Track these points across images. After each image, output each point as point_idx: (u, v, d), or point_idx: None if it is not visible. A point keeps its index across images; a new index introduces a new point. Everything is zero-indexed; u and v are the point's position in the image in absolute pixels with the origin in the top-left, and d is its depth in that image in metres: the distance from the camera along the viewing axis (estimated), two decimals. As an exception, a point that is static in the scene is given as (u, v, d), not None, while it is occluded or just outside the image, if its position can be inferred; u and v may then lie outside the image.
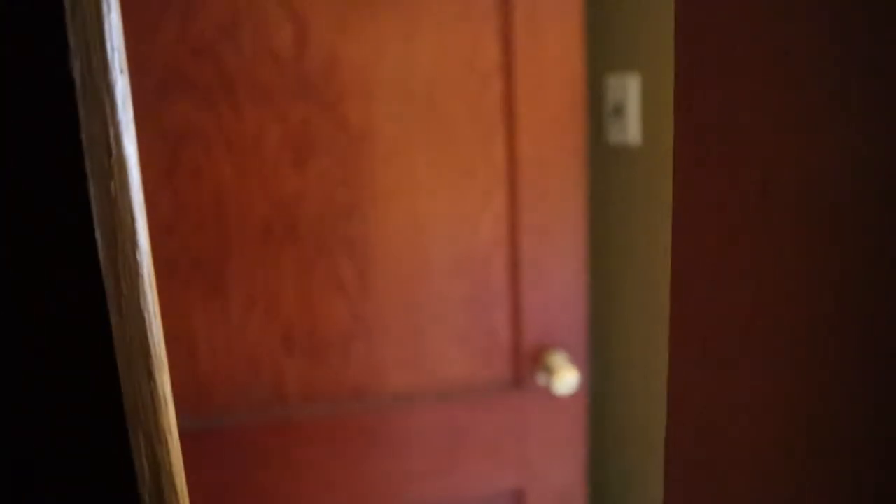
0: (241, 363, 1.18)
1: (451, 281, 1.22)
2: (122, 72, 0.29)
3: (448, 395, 1.25)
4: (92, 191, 0.27)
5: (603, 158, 1.47)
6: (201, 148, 1.10)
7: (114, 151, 0.28)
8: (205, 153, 1.11)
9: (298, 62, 1.11)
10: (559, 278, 1.24)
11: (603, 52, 1.43)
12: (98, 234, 0.27)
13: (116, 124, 0.29)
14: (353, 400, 1.22)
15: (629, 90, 1.35)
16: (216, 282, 1.14)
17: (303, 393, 1.21)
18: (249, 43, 1.09)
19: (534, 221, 1.21)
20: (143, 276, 0.29)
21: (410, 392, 1.24)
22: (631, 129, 1.36)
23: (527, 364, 1.26)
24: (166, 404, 0.31)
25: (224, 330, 1.16)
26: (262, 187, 1.13)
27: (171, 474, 0.31)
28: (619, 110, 1.38)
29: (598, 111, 1.44)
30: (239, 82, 1.10)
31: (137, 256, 0.29)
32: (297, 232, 1.15)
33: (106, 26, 0.28)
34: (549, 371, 1.24)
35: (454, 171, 1.19)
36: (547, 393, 1.27)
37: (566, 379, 1.21)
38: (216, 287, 1.15)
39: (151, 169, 1.10)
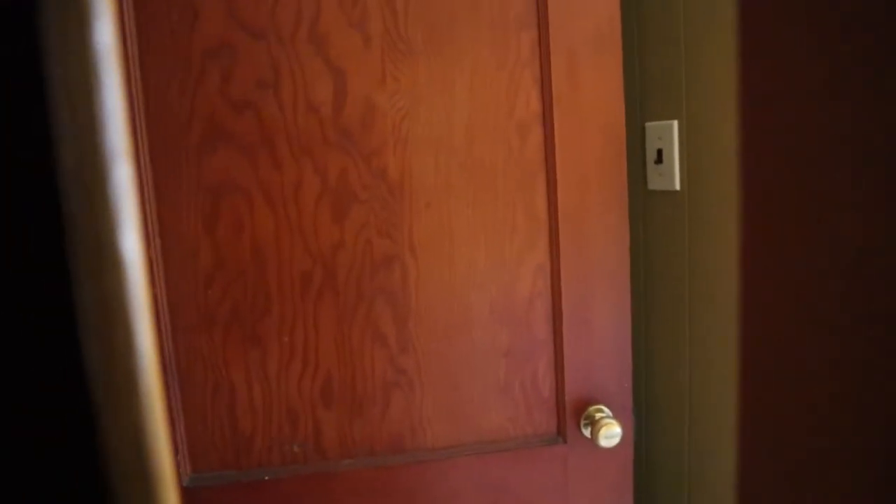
0: (280, 415, 1.16)
1: (492, 332, 1.20)
2: (121, 156, 0.26)
3: (489, 448, 1.22)
4: (79, 294, 0.24)
5: (644, 204, 1.45)
6: (242, 200, 1.11)
7: (107, 249, 0.26)
8: (245, 205, 1.11)
9: (337, 114, 1.11)
10: (602, 328, 1.22)
11: (642, 99, 1.42)
12: (87, 341, 0.24)
13: (110, 217, 0.26)
14: (391, 453, 1.20)
15: (669, 136, 1.33)
16: (255, 333, 1.14)
17: (341, 446, 1.19)
18: (289, 96, 1.10)
19: (575, 271, 1.19)
20: (139, 384, 0.26)
21: (450, 445, 1.22)
22: (672, 175, 1.34)
23: (569, 417, 1.22)
24: (165, 479, 0.28)
25: (263, 382, 1.15)
26: (302, 238, 1.12)
27: None
28: (659, 157, 1.36)
29: (638, 158, 1.43)
30: (278, 135, 1.10)
31: (134, 362, 0.26)
32: (335, 283, 1.14)
33: (99, 106, 0.25)
34: (592, 424, 1.20)
35: (494, 220, 1.17)
36: (590, 446, 1.24)
37: (610, 432, 1.18)
38: (255, 338, 1.14)
39: (192, 221, 1.10)
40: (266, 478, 1.16)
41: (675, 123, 1.32)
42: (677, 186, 1.34)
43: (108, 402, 0.25)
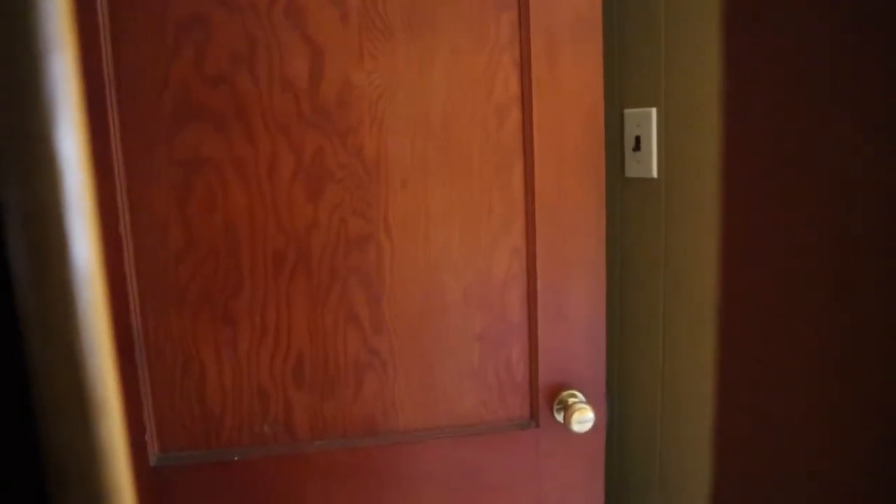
0: (251, 395, 1.15)
1: (466, 315, 1.19)
2: (58, 47, 0.23)
3: (461, 431, 1.21)
4: (6, 197, 0.22)
5: (621, 192, 1.45)
6: (214, 176, 1.09)
7: (39, 148, 0.23)
8: (218, 182, 1.09)
9: (313, 91, 1.10)
10: (577, 313, 1.21)
11: (621, 86, 1.42)
12: (15, 249, 0.22)
13: (44, 113, 0.24)
14: (363, 435, 1.19)
15: (648, 124, 1.33)
16: (226, 312, 1.12)
17: (312, 427, 1.18)
18: (264, 72, 1.08)
19: (551, 255, 1.19)
20: (77, 299, 0.23)
21: (423, 428, 1.21)
22: (650, 163, 1.34)
23: (543, 401, 1.22)
24: (113, 457, 0.25)
25: (233, 361, 1.14)
26: (275, 216, 1.11)
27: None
28: (637, 144, 1.36)
29: (616, 145, 1.43)
30: (253, 111, 1.09)
31: (70, 274, 0.23)
32: (309, 262, 1.13)
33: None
34: (565, 409, 1.20)
35: (470, 202, 1.17)
36: (563, 431, 1.23)
37: (583, 417, 1.17)
38: (226, 318, 1.13)
39: (163, 197, 1.08)
40: (236, 458, 1.15)
41: (654, 111, 1.32)
42: (655, 174, 1.34)
43: (39, 317, 0.23)
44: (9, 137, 0.22)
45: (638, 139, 1.36)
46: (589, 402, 1.22)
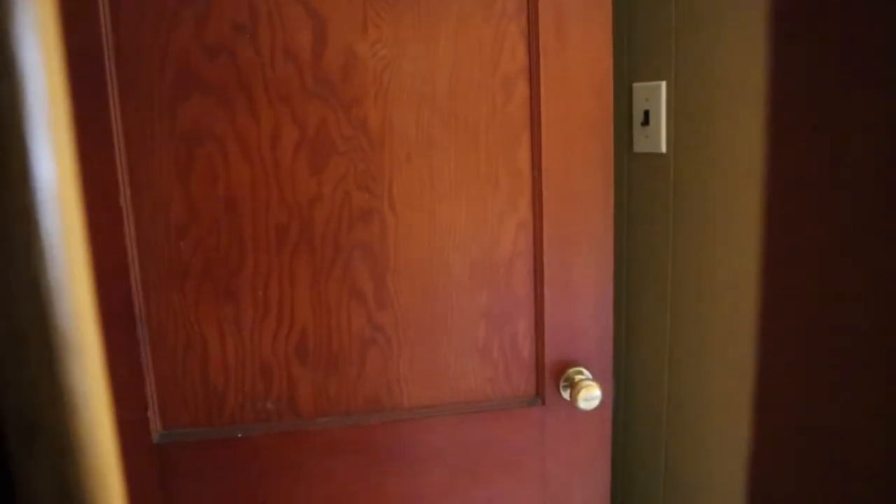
0: (254, 372, 1.14)
1: (472, 291, 1.17)
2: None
3: (466, 409, 1.20)
4: None
5: (628, 167, 1.42)
6: (216, 150, 1.07)
7: None
8: (220, 155, 1.07)
9: (316, 62, 1.08)
10: (584, 291, 1.20)
11: (630, 59, 1.39)
12: None
13: None
14: (367, 412, 1.18)
15: (657, 98, 1.31)
16: (229, 288, 1.11)
17: (316, 404, 1.16)
18: (267, 42, 1.06)
19: (559, 231, 1.17)
20: (38, 220, 0.20)
21: (427, 405, 1.20)
22: (658, 138, 1.32)
23: (549, 378, 1.21)
24: (91, 404, 0.22)
25: (236, 337, 1.12)
26: (278, 190, 1.09)
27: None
28: (645, 118, 1.34)
29: (624, 119, 1.40)
30: (255, 82, 1.07)
31: (29, 192, 0.20)
32: (312, 237, 1.11)
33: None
34: (571, 386, 1.19)
35: (476, 176, 1.15)
36: (569, 408, 1.22)
37: (590, 394, 1.16)
38: (229, 293, 1.11)
39: (164, 171, 1.07)
40: (239, 435, 1.14)
41: (664, 84, 1.30)
42: (663, 149, 1.31)
43: None
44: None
45: (647, 113, 1.34)
46: (595, 379, 1.20)
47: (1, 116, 0.20)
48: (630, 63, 1.39)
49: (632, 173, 1.42)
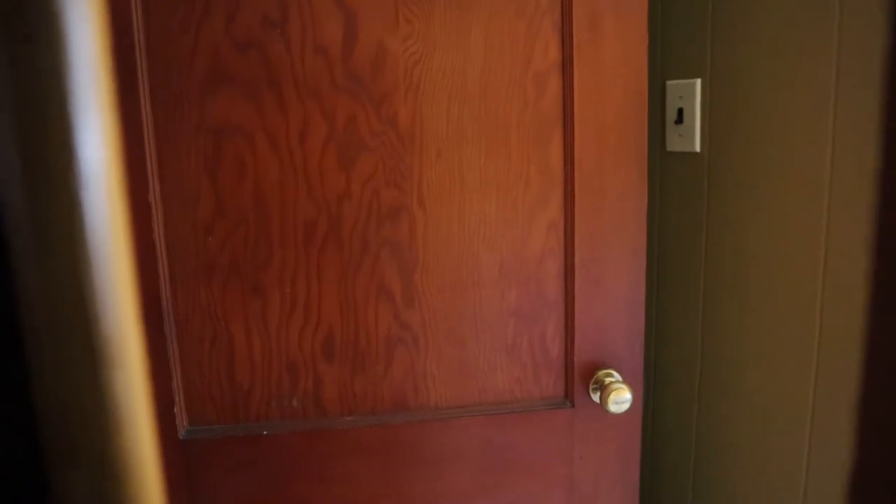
0: (280, 369, 1.13)
1: (501, 289, 1.16)
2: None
3: (494, 410, 1.18)
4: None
5: (661, 166, 1.40)
6: (245, 144, 1.06)
7: None
8: (248, 150, 1.06)
9: (347, 57, 1.06)
10: (615, 291, 1.17)
11: (663, 56, 1.36)
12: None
13: None
14: (393, 412, 1.16)
15: (691, 96, 1.28)
16: (256, 284, 1.10)
17: (342, 402, 1.15)
18: (297, 37, 1.05)
19: (590, 230, 1.14)
20: (82, 206, 0.17)
21: (454, 406, 1.18)
22: (692, 137, 1.29)
23: (578, 380, 1.19)
24: (133, 418, 0.20)
25: (263, 334, 1.11)
26: (306, 186, 1.08)
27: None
28: (679, 116, 1.31)
29: (657, 117, 1.38)
30: (285, 77, 1.06)
31: (73, 174, 0.18)
32: (340, 233, 1.10)
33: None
34: (601, 388, 1.17)
35: (506, 173, 1.13)
36: (599, 411, 1.20)
37: (620, 397, 1.14)
38: (256, 289, 1.10)
39: (193, 165, 1.06)
40: (264, 432, 1.13)
41: (699, 82, 1.27)
42: (697, 148, 1.29)
43: (35, 232, 0.18)
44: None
45: (680, 111, 1.31)
46: (626, 381, 1.18)
47: (43, 90, 0.18)
48: (663, 60, 1.36)
49: (664, 172, 1.40)
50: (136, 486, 0.20)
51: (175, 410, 1.11)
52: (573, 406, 1.20)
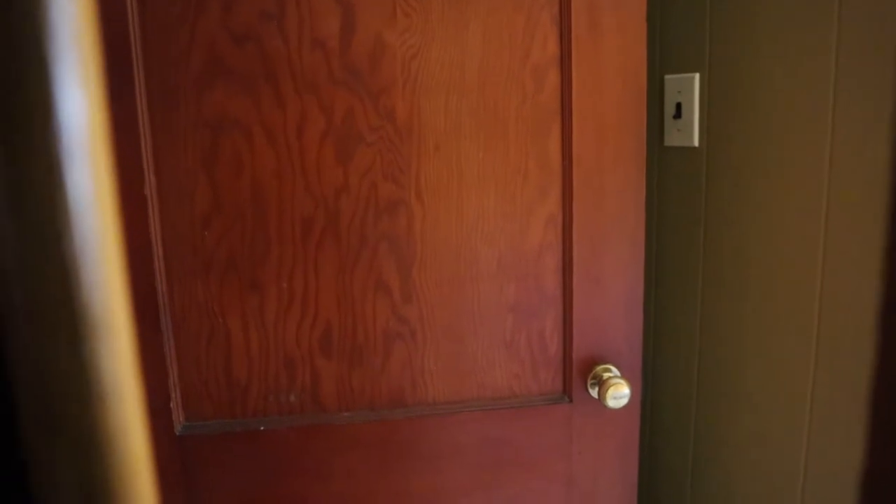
0: (277, 364, 1.12)
1: (499, 284, 1.15)
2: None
3: (492, 405, 1.18)
4: None
5: (659, 161, 1.39)
6: (242, 138, 1.06)
7: None
8: (245, 144, 1.06)
9: (344, 51, 1.06)
10: (614, 286, 1.17)
11: (662, 50, 1.36)
12: None
13: None
14: (391, 407, 1.16)
15: (690, 90, 1.28)
16: (253, 278, 1.09)
17: (339, 397, 1.15)
18: (294, 30, 1.04)
19: (588, 224, 1.14)
20: (62, 165, 0.16)
21: (452, 401, 1.18)
22: (691, 131, 1.28)
23: (576, 375, 1.18)
24: (114, 391, 0.19)
25: (260, 329, 1.11)
26: (304, 180, 1.07)
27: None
28: (677, 111, 1.31)
29: (655, 112, 1.37)
30: (282, 70, 1.05)
31: (52, 132, 0.17)
32: (338, 228, 1.09)
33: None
34: (600, 383, 1.16)
35: (505, 168, 1.12)
36: (597, 406, 1.20)
37: (618, 392, 1.13)
38: (253, 284, 1.10)
39: (190, 159, 1.05)
40: (262, 428, 1.13)
41: (697, 76, 1.27)
42: (696, 143, 1.28)
43: (13, 190, 0.17)
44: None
45: (679, 106, 1.31)
46: (624, 376, 1.18)
47: (17, 31, 0.17)
48: (662, 54, 1.36)
49: (662, 167, 1.39)
50: (123, 468, 0.20)
51: (171, 406, 1.10)
52: (571, 401, 1.19)
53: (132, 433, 0.23)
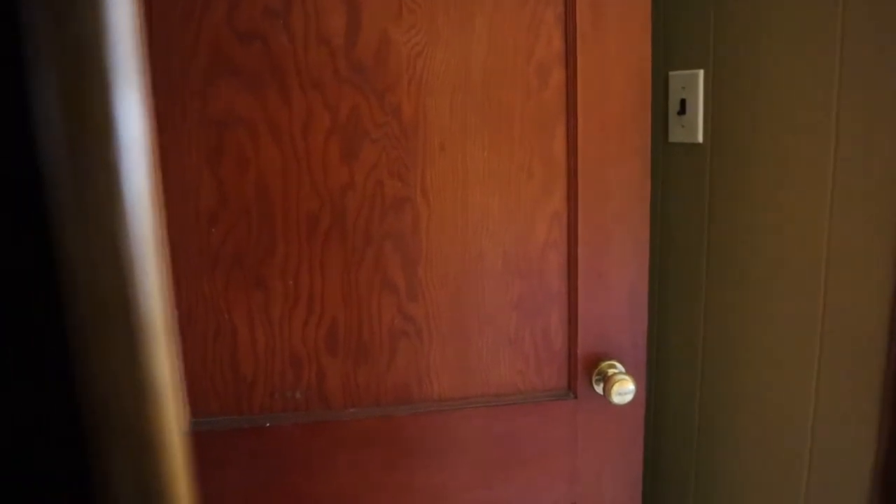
0: (283, 361, 1.13)
1: (504, 281, 1.15)
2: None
3: (497, 401, 1.18)
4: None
5: (663, 157, 1.39)
6: (247, 135, 1.06)
7: None
8: (251, 141, 1.06)
9: (350, 48, 1.06)
10: (618, 282, 1.17)
11: (666, 46, 1.36)
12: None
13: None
14: (397, 404, 1.16)
15: (694, 86, 1.28)
16: (259, 276, 1.10)
17: (345, 394, 1.15)
18: (300, 27, 1.04)
19: (593, 222, 1.14)
20: (122, 178, 0.17)
21: (457, 397, 1.18)
22: (695, 128, 1.29)
23: (581, 372, 1.19)
24: (165, 393, 0.20)
25: (266, 326, 1.11)
26: (309, 177, 1.08)
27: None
28: (682, 107, 1.31)
29: (660, 108, 1.37)
30: (288, 68, 1.05)
31: (113, 144, 0.18)
32: (343, 225, 1.09)
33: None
34: (605, 380, 1.17)
35: (510, 165, 1.12)
36: (602, 403, 1.20)
37: (623, 388, 1.14)
38: (259, 281, 1.10)
39: (195, 156, 1.05)
40: (268, 424, 1.13)
41: (701, 73, 1.27)
42: (700, 139, 1.29)
43: (79, 205, 0.18)
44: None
45: (683, 102, 1.31)
46: (629, 373, 1.18)
47: (85, 54, 0.18)
48: (666, 51, 1.36)
49: (667, 163, 1.39)
50: (172, 466, 0.20)
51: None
52: (576, 397, 1.20)
53: (176, 432, 0.23)
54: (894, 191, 0.93)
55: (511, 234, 1.14)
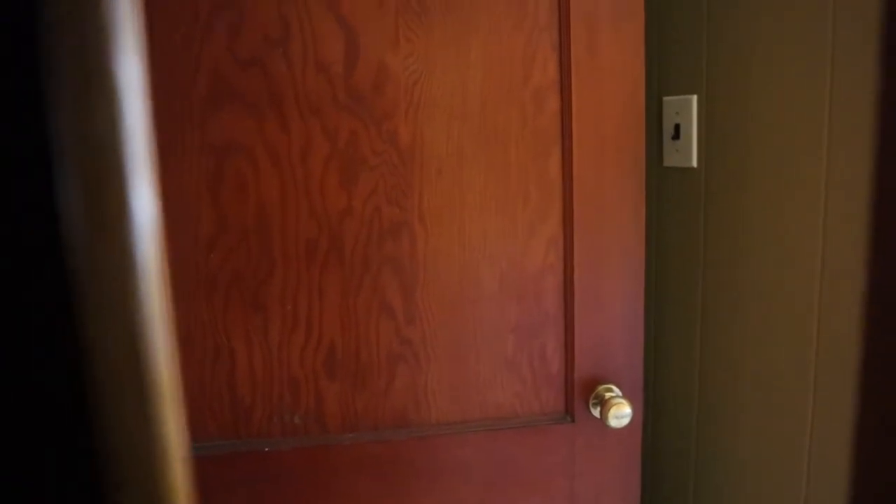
0: (281, 385, 1.13)
1: (501, 305, 1.16)
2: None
3: (495, 425, 1.19)
4: (59, 134, 0.19)
5: (658, 181, 1.41)
6: (246, 162, 1.07)
7: (97, 76, 0.20)
8: (250, 167, 1.07)
9: (348, 75, 1.07)
10: (615, 306, 1.18)
11: (660, 72, 1.38)
12: (67, 196, 0.18)
13: (102, 36, 0.20)
14: (395, 428, 1.17)
15: (688, 111, 1.29)
16: (257, 300, 1.10)
17: (343, 418, 1.15)
18: (299, 55, 1.06)
19: (589, 245, 1.15)
20: (135, 260, 0.19)
21: (455, 421, 1.18)
22: (689, 152, 1.30)
23: (578, 395, 1.19)
24: (176, 452, 0.21)
25: (264, 350, 1.12)
26: (308, 203, 1.09)
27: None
28: (676, 132, 1.32)
29: (654, 133, 1.39)
30: (287, 95, 1.06)
31: (129, 228, 0.19)
32: (342, 251, 1.10)
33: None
34: (601, 403, 1.17)
35: (506, 190, 1.14)
36: (599, 426, 1.20)
37: (620, 412, 1.14)
38: (257, 306, 1.11)
39: (195, 182, 1.07)
40: (266, 449, 1.13)
41: (695, 98, 1.28)
42: (694, 164, 1.30)
43: (95, 284, 0.20)
44: (69, 61, 0.19)
45: (677, 127, 1.32)
46: (626, 396, 1.19)
47: (104, 152, 0.19)
48: (660, 76, 1.38)
49: (661, 187, 1.41)
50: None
51: (176, 427, 1.11)
52: (574, 421, 1.20)
53: (185, 487, 0.24)
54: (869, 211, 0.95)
55: (508, 259, 1.15)
